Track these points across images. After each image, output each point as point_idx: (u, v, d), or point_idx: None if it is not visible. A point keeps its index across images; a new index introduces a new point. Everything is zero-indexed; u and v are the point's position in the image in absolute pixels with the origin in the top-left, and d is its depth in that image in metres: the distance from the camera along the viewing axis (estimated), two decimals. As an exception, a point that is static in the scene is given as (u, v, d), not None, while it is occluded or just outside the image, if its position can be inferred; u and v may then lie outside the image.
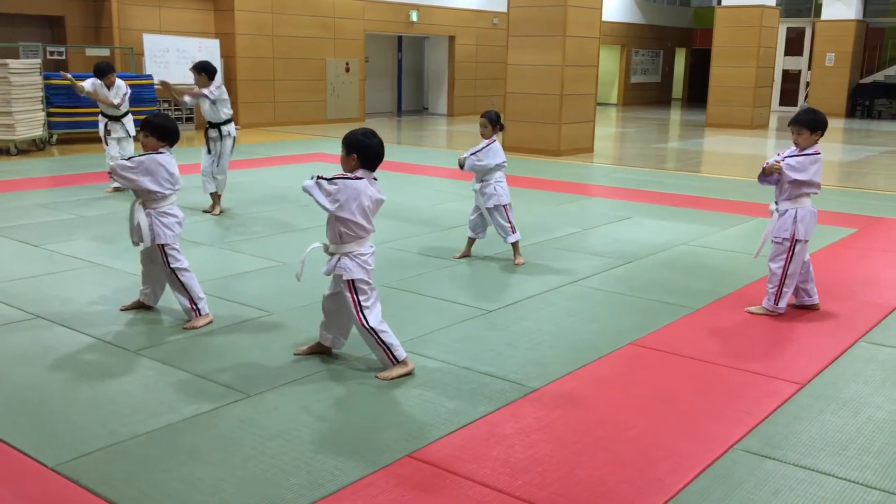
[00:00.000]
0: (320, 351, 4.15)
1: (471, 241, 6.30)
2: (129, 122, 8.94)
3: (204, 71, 7.69)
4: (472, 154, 6.02)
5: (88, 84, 8.75)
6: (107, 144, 8.90)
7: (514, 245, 6.18)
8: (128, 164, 4.46)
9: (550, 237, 7.10)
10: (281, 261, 6.11)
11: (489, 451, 3.19)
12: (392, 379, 3.86)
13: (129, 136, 8.92)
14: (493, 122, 6.01)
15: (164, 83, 7.64)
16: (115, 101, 8.74)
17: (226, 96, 7.78)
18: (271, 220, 7.71)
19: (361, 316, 3.84)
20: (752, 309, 5.05)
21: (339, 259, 3.83)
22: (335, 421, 3.46)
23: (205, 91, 7.61)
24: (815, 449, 3.27)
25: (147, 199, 4.51)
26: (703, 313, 5.05)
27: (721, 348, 4.43)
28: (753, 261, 6.28)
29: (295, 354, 4.16)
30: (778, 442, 3.33)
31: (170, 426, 3.35)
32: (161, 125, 4.53)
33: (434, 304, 5.12)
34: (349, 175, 3.80)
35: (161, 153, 4.52)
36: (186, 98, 7.70)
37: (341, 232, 3.80)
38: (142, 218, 4.49)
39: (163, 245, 4.54)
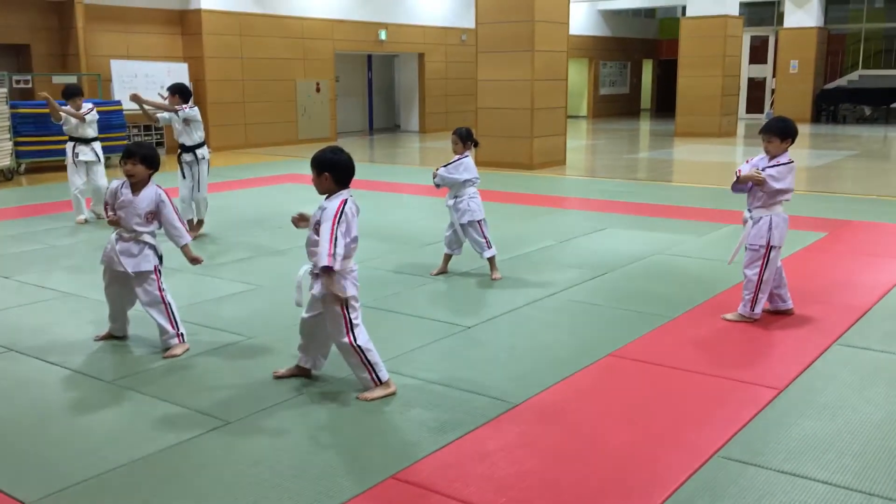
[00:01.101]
0: (300, 374, 4.12)
1: (447, 257, 6.31)
2: (97, 146, 8.81)
3: (178, 93, 7.67)
4: (443, 167, 6.08)
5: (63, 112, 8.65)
6: (75, 167, 8.71)
7: (491, 260, 6.19)
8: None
9: (526, 251, 7.12)
10: (258, 284, 6.07)
11: (473, 468, 3.18)
12: (374, 400, 3.84)
13: (99, 161, 8.79)
14: (463, 139, 6.06)
15: (136, 96, 7.58)
16: (82, 112, 8.58)
17: (199, 118, 7.74)
18: (247, 243, 7.66)
19: (351, 334, 3.82)
20: (729, 316, 5.09)
21: None
22: (317, 444, 3.43)
23: (176, 106, 7.59)
24: (795, 454, 3.30)
25: (152, 229, 4.55)
26: (680, 322, 5.08)
27: (699, 356, 4.46)
28: (728, 268, 6.35)
29: (274, 377, 4.12)
30: (759, 448, 3.35)
31: (148, 457, 3.30)
32: (150, 155, 4.53)
33: (412, 322, 5.10)
34: (344, 205, 3.76)
35: (152, 183, 4.56)
36: (159, 115, 7.68)
37: None
38: (152, 241, 4.54)
39: (158, 269, 4.58)
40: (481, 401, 3.84)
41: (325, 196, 3.86)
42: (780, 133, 4.87)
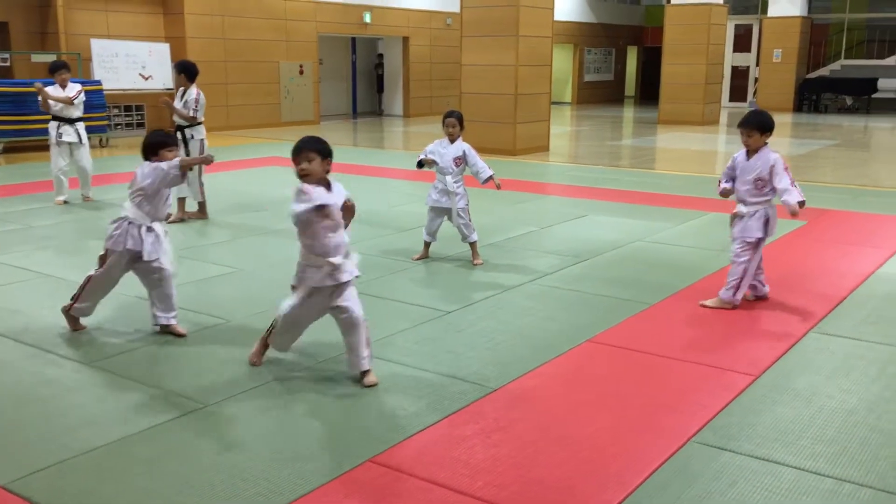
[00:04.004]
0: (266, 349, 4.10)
1: (428, 244, 6.30)
2: (81, 128, 8.67)
3: (184, 71, 7.55)
4: (470, 154, 6.05)
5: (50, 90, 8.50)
6: (58, 148, 8.50)
7: (473, 245, 6.20)
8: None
9: (508, 237, 7.13)
10: (240, 267, 6.05)
11: (450, 452, 3.19)
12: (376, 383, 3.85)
13: (82, 143, 8.66)
14: (462, 123, 6.09)
15: (167, 102, 7.46)
16: (71, 95, 8.43)
17: (202, 101, 7.65)
18: (229, 225, 7.63)
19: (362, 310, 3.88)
20: (708, 302, 5.12)
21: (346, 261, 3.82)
22: (294, 428, 3.43)
23: (191, 113, 7.48)
24: (769, 440, 3.34)
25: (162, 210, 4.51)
26: (659, 308, 5.11)
27: (676, 342, 4.49)
28: (707, 255, 6.42)
29: (251, 364, 4.10)
30: (733, 434, 3.38)
31: (125, 439, 3.29)
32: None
33: (393, 306, 5.10)
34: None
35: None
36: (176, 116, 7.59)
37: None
38: (160, 228, 4.48)
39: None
40: (459, 385, 3.85)
41: (317, 182, 3.73)
42: (759, 127, 4.90)
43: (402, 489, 2.93)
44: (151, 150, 4.44)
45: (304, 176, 3.68)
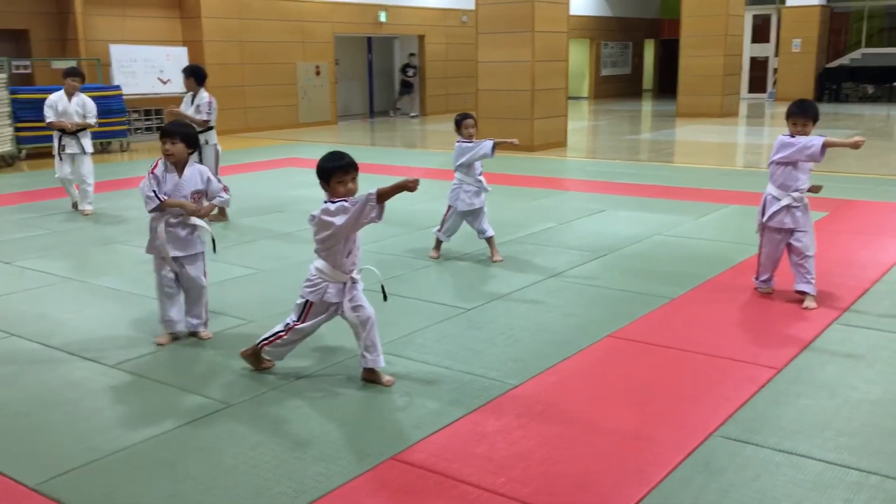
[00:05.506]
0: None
1: (441, 242, 6.31)
2: (85, 137, 8.46)
3: (193, 75, 7.58)
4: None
5: (51, 111, 8.32)
6: (60, 160, 8.39)
7: (491, 240, 6.19)
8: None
9: (526, 233, 7.12)
10: (259, 268, 6.09)
11: (472, 449, 3.20)
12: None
13: (85, 153, 8.43)
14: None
15: (173, 111, 7.40)
16: (90, 120, 8.34)
17: (212, 107, 7.67)
18: (248, 227, 7.67)
19: None
20: (811, 304, 4.91)
21: None
22: (317, 427, 3.45)
23: (204, 117, 7.53)
24: (792, 432, 3.31)
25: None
26: (679, 302, 5.09)
27: (697, 336, 4.47)
28: (727, 248, 6.38)
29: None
30: (757, 427, 3.36)
31: (149, 440, 3.33)
32: (190, 134, 4.40)
33: (412, 304, 5.12)
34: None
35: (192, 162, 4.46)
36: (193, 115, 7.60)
37: None
38: (201, 222, 4.47)
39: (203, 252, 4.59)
40: (480, 382, 3.86)
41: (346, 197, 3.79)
42: (815, 118, 4.84)
43: (424, 486, 2.94)
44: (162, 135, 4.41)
45: (350, 193, 3.79)
